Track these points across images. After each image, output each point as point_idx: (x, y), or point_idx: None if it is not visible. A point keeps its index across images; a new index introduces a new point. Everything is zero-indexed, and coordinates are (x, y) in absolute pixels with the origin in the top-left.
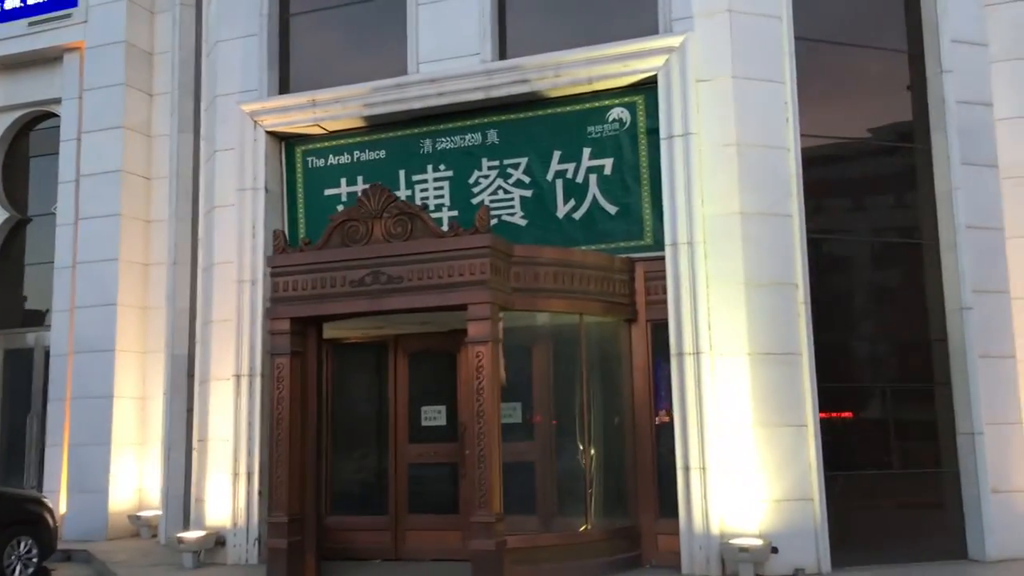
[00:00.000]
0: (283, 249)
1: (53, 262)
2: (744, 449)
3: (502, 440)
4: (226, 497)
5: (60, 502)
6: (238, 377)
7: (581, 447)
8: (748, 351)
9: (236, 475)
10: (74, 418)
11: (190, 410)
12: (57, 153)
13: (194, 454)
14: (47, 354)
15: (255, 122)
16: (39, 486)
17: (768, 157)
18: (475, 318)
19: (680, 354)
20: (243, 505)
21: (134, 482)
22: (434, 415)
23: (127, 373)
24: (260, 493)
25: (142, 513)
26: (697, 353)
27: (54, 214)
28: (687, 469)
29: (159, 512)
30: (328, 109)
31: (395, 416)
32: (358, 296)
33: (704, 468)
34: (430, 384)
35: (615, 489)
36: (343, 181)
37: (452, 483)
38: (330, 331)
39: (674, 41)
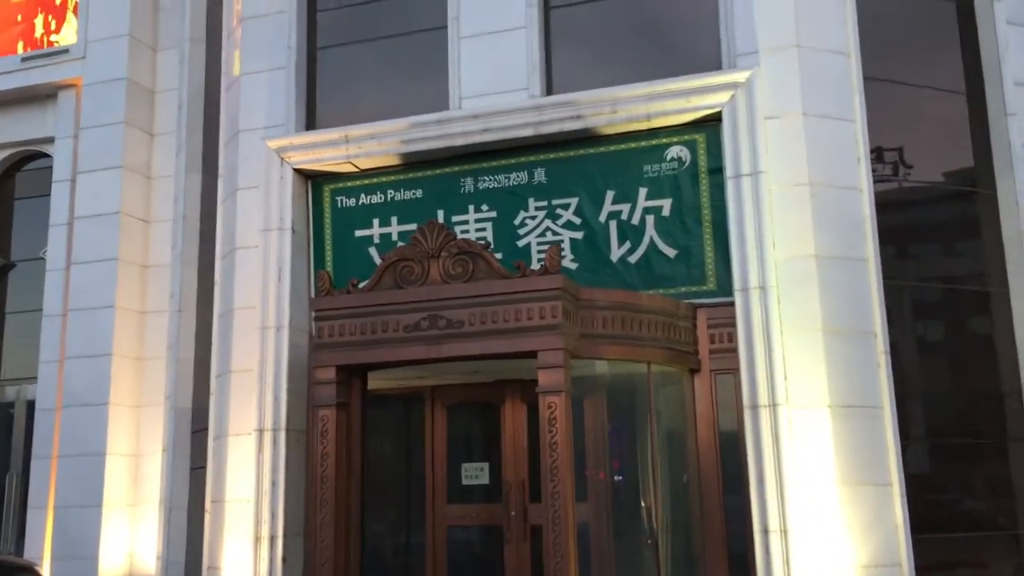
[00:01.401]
0: (328, 291)
1: (40, 310)
2: (828, 510)
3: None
4: (246, 564)
5: (44, 570)
6: (260, 432)
7: (647, 507)
8: (828, 403)
9: (258, 539)
10: (61, 477)
11: (194, 468)
12: (45, 195)
13: (207, 517)
14: (30, 408)
15: (282, 159)
16: (18, 552)
17: (841, 198)
18: (547, 366)
19: (755, 407)
20: (265, 572)
21: (125, 547)
22: (475, 473)
23: (120, 429)
24: (284, 560)
25: None
26: (774, 405)
27: (42, 259)
28: (766, 532)
29: None
30: (362, 145)
31: (432, 474)
32: (413, 342)
33: (785, 531)
34: (471, 439)
35: (684, 554)
36: (376, 222)
37: (496, 548)
38: None
39: (740, 77)
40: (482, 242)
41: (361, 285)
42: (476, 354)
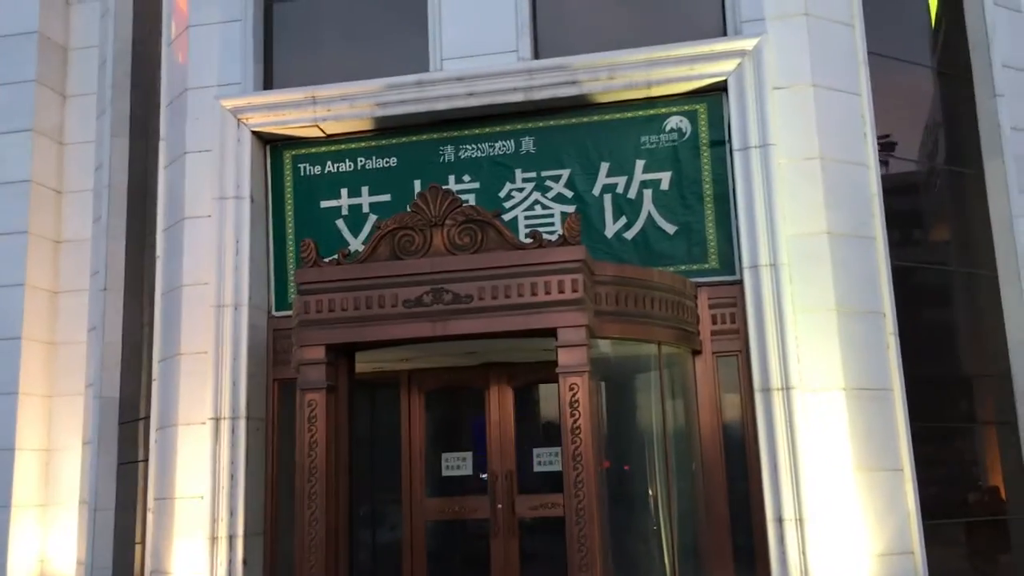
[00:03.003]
0: (315, 261)
1: None
2: (844, 497)
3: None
4: (200, 567)
5: None
6: (217, 420)
7: (655, 496)
8: (843, 386)
9: (215, 539)
10: None
11: (122, 463)
12: None
13: (149, 516)
14: None
15: (239, 120)
16: None
17: (850, 174)
18: (568, 344)
19: (767, 390)
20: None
21: (36, 551)
22: (457, 463)
23: (31, 421)
24: (245, 562)
25: None
26: (787, 388)
27: None
28: (780, 521)
29: None
30: (332, 108)
31: (409, 466)
32: (415, 318)
33: (801, 520)
34: (452, 427)
35: (691, 544)
36: (344, 192)
37: (480, 543)
38: None
39: (747, 44)
40: (492, 210)
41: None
42: (489, 332)
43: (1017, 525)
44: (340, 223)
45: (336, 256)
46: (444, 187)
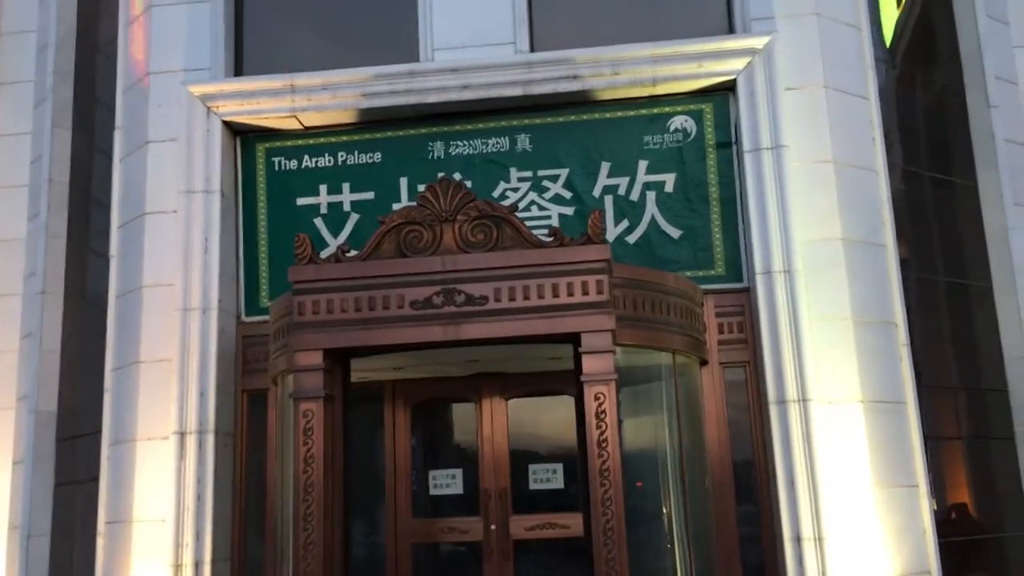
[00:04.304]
0: (310, 258)
1: None
2: (863, 515)
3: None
4: None
5: None
6: (182, 435)
7: (669, 516)
8: (861, 399)
9: (179, 567)
10: None
11: (59, 484)
12: None
13: (100, 542)
14: None
15: (208, 108)
16: None
17: (862, 179)
18: (593, 350)
19: (782, 402)
20: None
21: None
22: (446, 481)
23: None
24: None
25: None
26: (803, 401)
27: None
28: (798, 540)
29: None
30: (313, 97)
31: (394, 484)
32: (425, 321)
33: (820, 539)
34: (441, 442)
35: (705, 565)
36: (323, 189)
37: (472, 567)
38: None
39: (757, 42)
40: (507, 204)
41: (351, 253)
42: (504, 336)
43: (1016, 542)
44: (318, 221)
45: (335, 252)
46: (455, 180)
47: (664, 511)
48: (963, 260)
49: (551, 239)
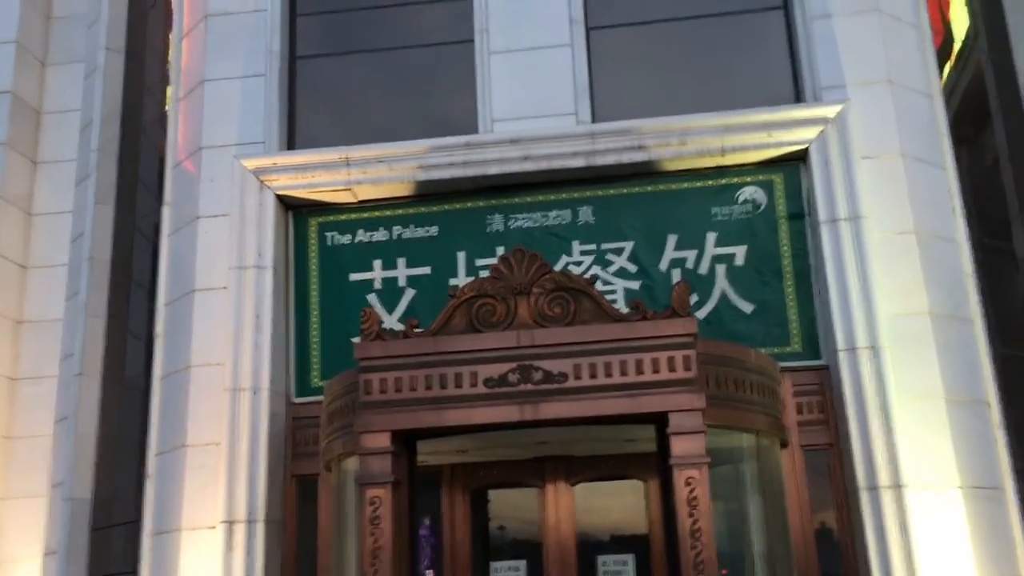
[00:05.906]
0: (377, 334)
1: None
2: None
3: None
4: None
5: None
6: (230, 524)
7: None
8: (959, 484)
9: None
10: None
11: None
12: None
13: None
14: None
15: (261, 182)
16: None
17: (945, 251)
18: (683, 431)
19: (873, 488)
20: None
21: None
22: (509, 575)
23: None
24: None
25: None
26: (898, 487)
27: None
28: None
29: None
30: (368, 170)
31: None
32: (500, 400)
33: None
34: (502, 531)
35: None
36: (377, 264)
37: None
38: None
39: (829, 111)
40: (586, 276)
41: (418, 330)
42: (585, 416)
43: None
44: (372, 297)
45: (404, 328)
46: (530, 251)
47: None
48: None
49: (633, 312)
